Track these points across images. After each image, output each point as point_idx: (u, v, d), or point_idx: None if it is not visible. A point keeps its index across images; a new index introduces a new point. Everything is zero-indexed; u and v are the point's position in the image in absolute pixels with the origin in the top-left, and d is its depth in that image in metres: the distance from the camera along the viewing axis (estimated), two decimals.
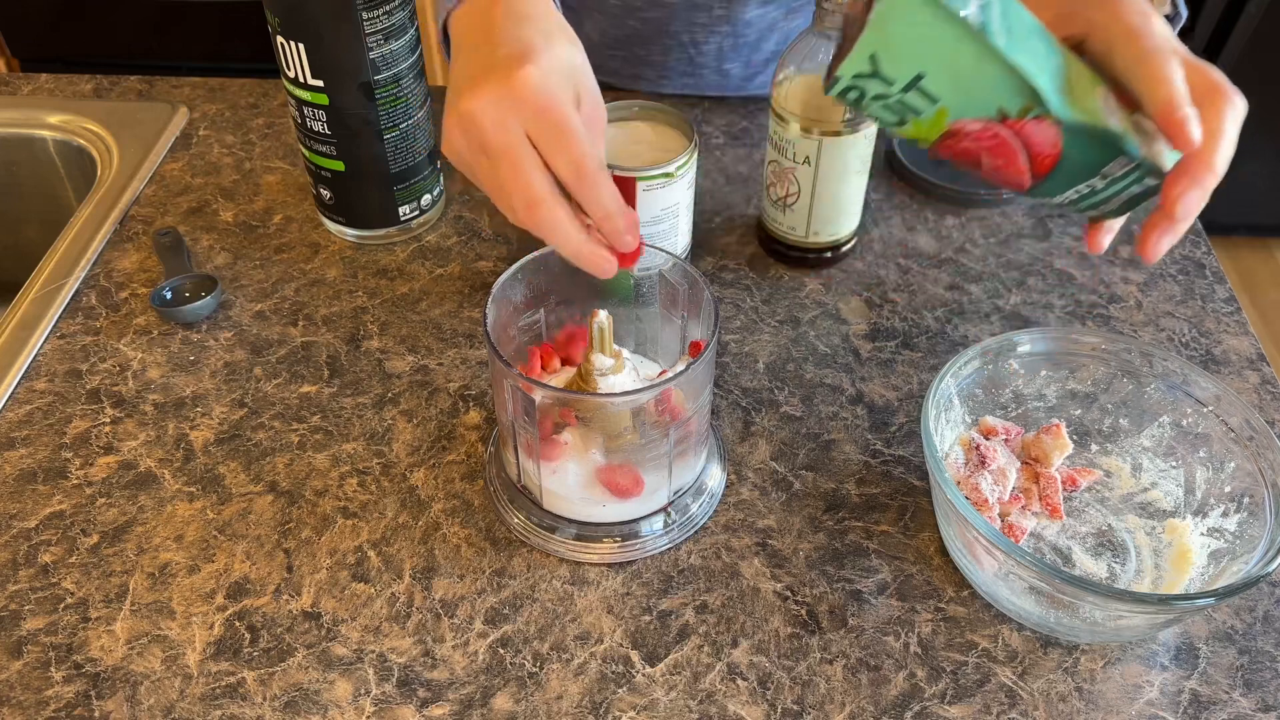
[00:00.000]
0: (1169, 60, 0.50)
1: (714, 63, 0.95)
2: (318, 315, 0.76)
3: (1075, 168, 0.52)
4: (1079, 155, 0.51)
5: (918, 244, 0.82)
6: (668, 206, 0.71)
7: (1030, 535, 0.62)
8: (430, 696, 0.55)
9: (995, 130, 0.50)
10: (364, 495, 0.64)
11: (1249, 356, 0.74)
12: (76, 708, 0.54)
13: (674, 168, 0.69)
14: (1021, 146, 0.51)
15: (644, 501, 0.61)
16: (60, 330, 0.74)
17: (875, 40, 0.47)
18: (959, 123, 0.50)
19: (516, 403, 0.57)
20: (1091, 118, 0.50)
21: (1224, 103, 0.51)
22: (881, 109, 0.50)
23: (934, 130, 0.51)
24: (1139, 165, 0.52)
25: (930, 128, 0.51)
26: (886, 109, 0.50)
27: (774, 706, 0.55)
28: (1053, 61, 0.50)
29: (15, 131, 0.94)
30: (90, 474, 0.65)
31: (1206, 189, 0.50)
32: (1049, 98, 0.48)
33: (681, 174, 0.70)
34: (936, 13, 0.46)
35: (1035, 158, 0.52)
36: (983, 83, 0.48)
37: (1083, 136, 0.50)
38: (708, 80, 0.96)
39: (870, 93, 0.49)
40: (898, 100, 0.49)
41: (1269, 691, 0.56)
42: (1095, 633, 0.56)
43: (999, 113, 0.50)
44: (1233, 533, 0.58)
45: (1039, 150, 0.51)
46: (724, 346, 0.74)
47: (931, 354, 0.74)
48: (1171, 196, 0.51)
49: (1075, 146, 0.51)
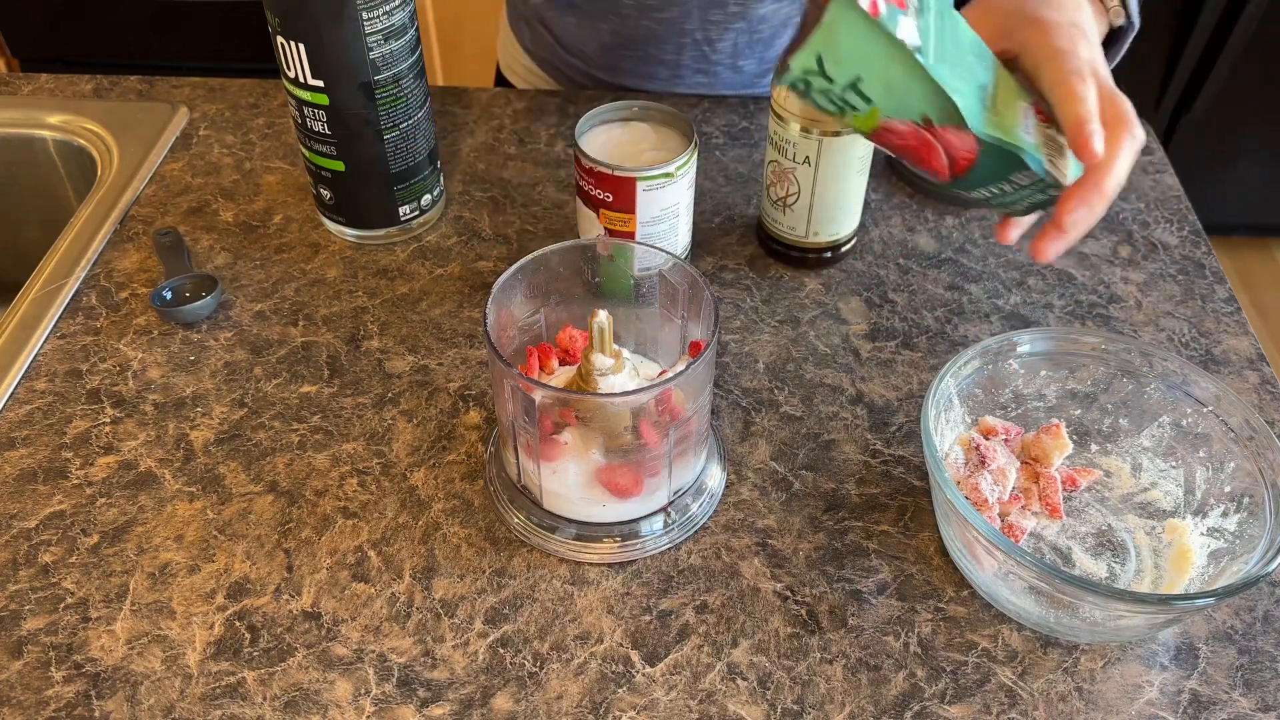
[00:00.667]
0: (1085, 82, 0.56)
1: (729, 60, 0.95)
2: (318, 315, 0.76)
3: (987, 173, 0.58)
4: (991, 163, 0.58)
5: (918, 244, 0.82)
6: (668, 206, 0.71)
7: (1030, 535, 0.62)
8: (430, 696, 0.55)
9: (920, 132, 0.57)
10: (364, 495, 0.64)
11: (1249, 356, 0.74)
12: (76, 708, 0.55)
13: (674, 167, 0.69)
14: (942, 148, 0.57)
15: (644, 501, 0.61)
16: (60, 330, 0.75)
17: (822, 43, 0.53)
18: (889, 121, 0.57)
19: (516, 403, 0.57)
20: (1005, 135, 0.56)
21: (1125, 133, 0.55)
22: (824, 101, 0.57)
23: (868, 124, 0.57)
24: (1041, 179, 0.58)
25: (865, 121, 0.57)
26: (829, 101, 0.56)
27: (774, 706, 0.55)
28: (981, 78, 0.57)
29: (15, 131, 0.94)
30: (90, 474, 0.65)
31: (1096, 210, 0.56)
32: (967, 115, 0.55)
33: (682, 174, 0.70)
34: (875, 30, 0.52)
35: (953, 159, 0.58)
36: (910, 93, 0.55)
37: (995, 148, 0.56)
38: (722, 78, 0.97)
39: (815, 86, 0.56)
40: (839, 96, 0.56)
41: (1269, 691, 0.56)
42: (1095, 633, 0.56)
43: (923, 119, 0.56)
44: (1233, 533, 0.58)
45: (956, 154, 0.58)
46: (724, 346, 0.74)
47: (931, 354, 0.74)
48: (1062, 211, 0.57)
49: (988, 156, 0.57)
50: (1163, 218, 0.85)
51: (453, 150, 0.90)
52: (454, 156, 0.89)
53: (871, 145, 0.73)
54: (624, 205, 0.70)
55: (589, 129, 0.73)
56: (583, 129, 0.72)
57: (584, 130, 0.72)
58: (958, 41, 0.57)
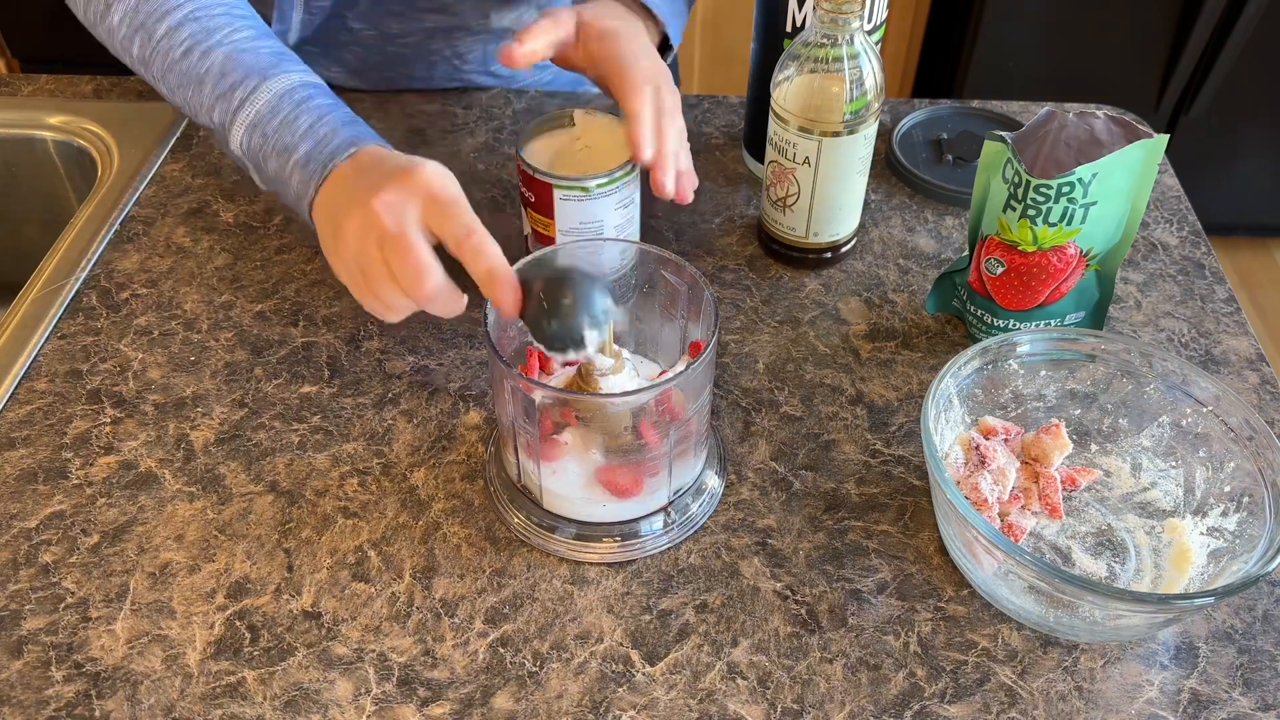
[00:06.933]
0: (642, 94, 0.67)
1: (479, 68, 0.97)
2: (318, 315, 0.76)
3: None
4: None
5: (918, 244, 0.82)
6: (588, 222, 0.70)
7: (1030, 535, 0.62)
8: (430, 696, 0.55)
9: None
10: (364, 495, 0.64)
11: (1249, 356, 0.74)
12: (77, 707, 0.55)
13: (592, 184, 0.67)
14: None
15: (644, 501, 0.61)
16: (61, 330, 0.75)
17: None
18: None
19: (516, 403, 0.57)
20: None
21: (669, 120, 0.68)
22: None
23: None
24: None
25: None
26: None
27: (774, 706, 0.55)
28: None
29: (15, 132, 0.94)
30: (91, 474, 0.65)
31: (665, 168, 0.67)
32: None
33: (601, 193, 0.68)
34: None
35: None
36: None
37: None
38: (476, 82, 0.98)
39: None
40: None
41: (1269, 691, 0.56)
42: (1095, 632, 0.56)
43: None
44: (1232, 532, 0.58)
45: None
46: (724, 347, 0.74)
47: (931, 354, 0.74)
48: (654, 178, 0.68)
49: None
50: (1162, 218, 0.85)
51: (453, 150, 0.90)
52: (454, 156, 0.89)
53: (871, 145, 0.73)
54: (544, 209, 0.69)
55: (579, 121, 0.73)
56: (530, 129, 0.72)
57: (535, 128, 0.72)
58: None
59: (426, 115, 0.93)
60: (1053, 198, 0.64)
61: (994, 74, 1.87)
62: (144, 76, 0.72)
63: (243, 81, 0.66)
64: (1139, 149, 0.64)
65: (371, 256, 0.59)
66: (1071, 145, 0.65)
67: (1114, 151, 0.63)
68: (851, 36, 0.68)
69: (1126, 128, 0.65)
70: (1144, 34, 1.79)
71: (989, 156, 0.68)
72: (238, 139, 0.67)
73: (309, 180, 0.64)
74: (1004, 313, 0.71)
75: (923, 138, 0.91)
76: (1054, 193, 0.64)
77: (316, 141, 0.64)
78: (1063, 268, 0.67)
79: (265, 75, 0.67)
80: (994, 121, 0.93)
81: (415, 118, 0.93)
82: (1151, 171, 0.65)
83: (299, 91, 0.66)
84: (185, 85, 0.69)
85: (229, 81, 0.67)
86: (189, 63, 0.68)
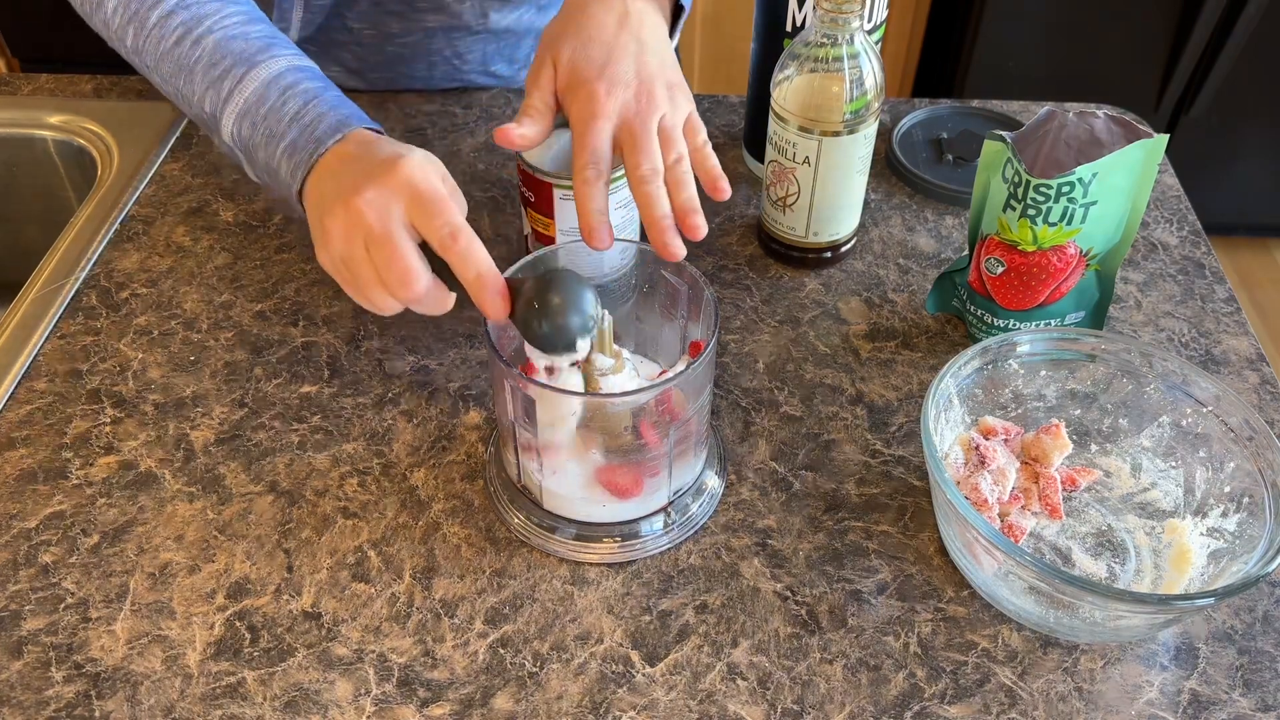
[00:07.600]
0: (590, 129, 0.62)
1: (479, 68, 0.96)
2: (318, 315, 0.76)
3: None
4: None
5: (918, 244, 0.82)
6: None
7: (1030, 535, 0.62)
8: (430, 696, 0.55)
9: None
10: (364, 495, 0.64)
11: (1249, 356, 0.74)
12: (76, 708, 0.55)
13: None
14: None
15: (644, 501, 0.61)
16: (60, 330, 0.75)
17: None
18: None
19: (516, 403, 0.57)
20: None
21: (641, 153, 0.62)
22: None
23: None
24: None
25: None
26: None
27: (774, 706, 0.55)
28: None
29: (15, 131, 0.94)
30: (90, 474, 0.65)
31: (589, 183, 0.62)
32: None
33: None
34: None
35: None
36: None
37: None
38: (475, 83, 0.98)
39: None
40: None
41: (1269, 691, 0.56)
42: (1095, 633, 0.56)
43: None
44: (1232, 533, 0.58)
45: None
46: (724, 346, 0.74)
47: (931, 354, 0.74)
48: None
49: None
50: (1162, 218, 0.85)
51: (453, 150, 0.90)
52: (454, 156, 0.89)
53: (871, 145, 0.73)
54: (544, 209, 0.69)
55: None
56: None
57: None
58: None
59: (426, 115, 0.93)
60: (1053, 197, 0.64)
61: (994, 74, 1.87)
62: (139, 68, 0.71)
63: (231, 69, 0.65)
64: (1139, 149, 0.64)
65: (359, 258, 0.58)
66: (1071, 145, 0.65)
67: (1114, 151, 0.63)
68: (851, 36, 0.68)
69: (1126, 127, 0.65)
70: (1144, 34, 1.79)
71: (989, 156, 0.68)
72: (228, 129, 0.66)
73: (295, 170, 0.63)
74: (1004, 312, 0.71)
75: (923, 137, 0.91)
76: (1054, 192, 0.64)
77: (303, 129, 0.63)
78: (1063, 267, 0.67)
79: (253, 62, 0.65)
80: (994, 121, 0.93)
81: (415, 118, 0.93)
82: (1151, 171, 0.65)
83: (287, 76, 0.65)
84: (177, 74, 0.68)
85: (219, 70, 0.66)
86: (180, 50, 0.67)
